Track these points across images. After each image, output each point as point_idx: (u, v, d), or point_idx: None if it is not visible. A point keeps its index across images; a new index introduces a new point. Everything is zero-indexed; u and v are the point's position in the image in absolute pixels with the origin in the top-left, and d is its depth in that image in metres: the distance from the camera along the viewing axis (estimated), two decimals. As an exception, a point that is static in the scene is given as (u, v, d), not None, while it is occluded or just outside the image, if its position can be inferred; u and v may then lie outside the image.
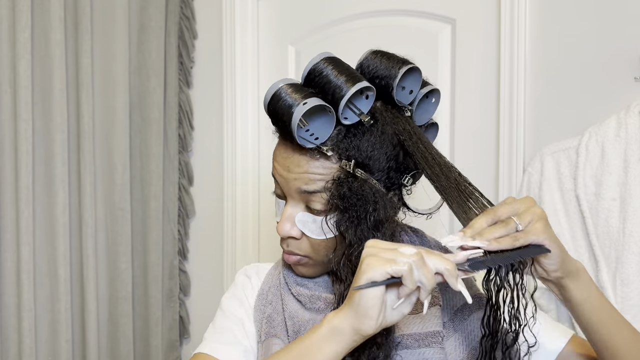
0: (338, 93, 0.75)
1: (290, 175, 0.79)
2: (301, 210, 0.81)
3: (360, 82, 0.75)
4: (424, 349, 0.80)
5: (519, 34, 1.48)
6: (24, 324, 1.65)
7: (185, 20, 1.95)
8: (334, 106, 0.75)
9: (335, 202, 0.76)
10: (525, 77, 1.49)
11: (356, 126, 0.78)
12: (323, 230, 0.79)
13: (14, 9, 1.63)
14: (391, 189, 0.80)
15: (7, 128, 1.64)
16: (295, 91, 0.76)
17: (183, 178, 1.99)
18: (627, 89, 1.36)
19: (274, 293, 0.88)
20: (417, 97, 0.83)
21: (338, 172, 0.77)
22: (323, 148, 0.76)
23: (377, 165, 0.77)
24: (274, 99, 0.76)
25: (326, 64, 0.77)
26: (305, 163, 0.78)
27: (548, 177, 1.41)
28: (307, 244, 0.82)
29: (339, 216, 0.76)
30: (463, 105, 1.61)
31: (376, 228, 0.75)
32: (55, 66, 1.68)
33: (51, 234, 1.72)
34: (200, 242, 2.03)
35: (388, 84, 0.79)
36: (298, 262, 0.84)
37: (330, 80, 0.76)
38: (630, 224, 1.28)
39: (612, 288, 1.31)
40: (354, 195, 0.75)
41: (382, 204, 0.76)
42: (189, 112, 1.99)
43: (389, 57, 0.81)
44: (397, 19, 1.68)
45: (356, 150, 0.77)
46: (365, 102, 0.78)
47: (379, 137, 0.77)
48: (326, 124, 0.76)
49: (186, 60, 1.97)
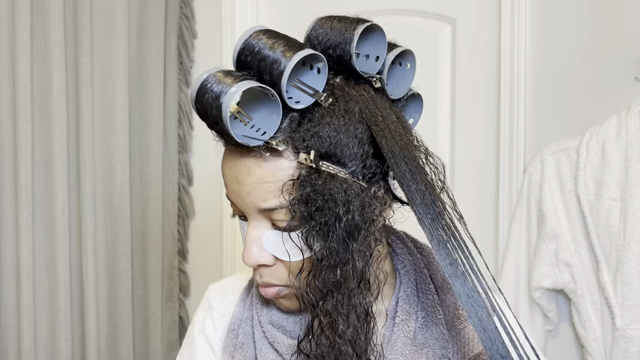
0: (276, 69, 0.58)
1: (242, 188, 0.62)
2: (267, 229, 0.63)
3: (301, 50, 0.59)
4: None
5: (519, 34, 1.48)
6: (23, 324, 1.65)
7: (185, 20, 1.95)
8: (275, 87, 0.58)
9: (297, 210, 0.59)
10: (526, 77, 1.49)
11: (312, 110, 0.60)
12: (300, 247, 0.61)
13: (13, 8, 1.62)
14: (374, 180, 0.62)
15: (6, 128, 1.64)
16: (223, 77, 0.59)
17: (183, 178, 1.99)
18: (628, 89, 1.35)
19: (245, 332, 0.71)
20: (386, 63, 0.66)
21: (298, 169, 0.60)
22: (271, 143, 0.58)
23: (347, 153, 0.60)
24: (200, 93, 0.59)
25: (258, 38, 0.60)
26: (256, 168, 0.60)
27: (549, 177, 1.40)
28: (283, 270, 0.64)
29: (305, 227, 0.60)
30: (463, 105, 1.60)
31: (350, 236, 0.59)
32: (55, 66, 1.68)
33: (50, 234, 1.71)
34: (200, 242, 2.03)
35: (344, 52, 0.62)
36: (278, 294, 0.66)
37: (266, 55, 0.59)
38: (630, 224, 1.28)
39: (612, 288, 1.31)
40: (320, 195, 0.58)
41: (357, 203, 0.59)
42: (188, 112, 1.98)
43: (340, 20, 0.64)
44: (397, 18, 1.68)
45: (316, 139, 0.59)
46: (318, 78, 0.61)
47: (343, 118, 0.60)
48: (270, 113, 0.60)
49: (186, 60, 1.97)
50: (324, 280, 0.59)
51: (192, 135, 2.01)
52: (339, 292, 0.59)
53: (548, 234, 1.39)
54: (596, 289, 1.35)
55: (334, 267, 0.59)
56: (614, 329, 1.31)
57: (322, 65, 0.61)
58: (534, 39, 1.48)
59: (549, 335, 1.48)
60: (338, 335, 0.60)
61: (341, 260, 0.59)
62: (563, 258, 1.38)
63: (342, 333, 0.60)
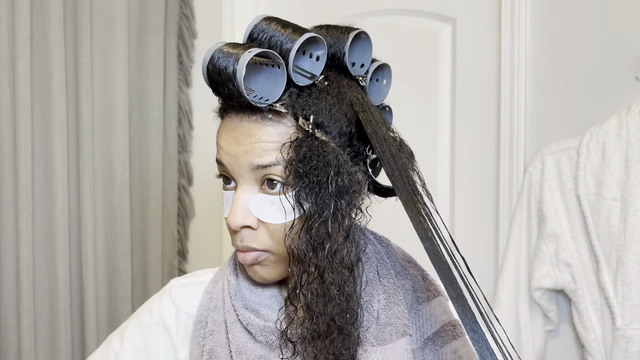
0: (285, 45, 0.66)
1: (240, 148, 0.67)
2: (255, 192, 0.69)
3: (308, 32, 0.67)
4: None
5: (520, 34, 1.48)
6: (23, 324, 1.65)
7: (184, 19, 1.95)
8: (283, 60, 0.66)
9: (294, 168, 0.65)
10: (526, 77, 1.49)
11: (310, 87, 0.69)
12: (284, 209, 0.67)
13: (13, 8, 1.62)
14: (355, 160, 0.71)
15: (6, 127, 1.64)
16: (236, 46, 0.66)
17: (182, 178, 1.99)
18: (628, 89, 1.35)
19: (215, 319, 0.74)
20: (369, 71, 0.75)
21: (295, 133, 0.67)
22: (275, 106, 0.66)
23: (337, 127, 0.68)
24: (213, 58, 0.66)
25: (268, 22, 0.69)
26: (256, 130, 0.67)
27: (549, 177, 1.40)
28: (265, 234, 0.70)
29: (299, 184, 0.66)
30: (463, 104, 1.60)
31: (339, 195, 0.65)
32: (55, 66, 1.68)
33: (50, 234, 1.71)
34: (200, 242, 2.03)
35: (339, 50, 0.71)
36: (256, 259, 0.71)
37: (275, 34, 0.67)
38: (631, 224, 1.28)
39: (612, 288, 1.31)
40: (315, 156, 0.65)
41: (345, 169, 0.66)
42: (188, 112, 1.98)
43: (335, 27, 0.74)
44: (397, 18, 1.67)
45: (314, 109, 0.67)
46: (316, 64, 0.69)
47: (336, 98, 0.69)
48: (275, 82, 0.67)
49: (186, 60, 1.97)
50: (314, 235, 0.65)
51: (192, 135, 2.01)
52: (329, 245, 0.65)
53: (548, 233, 1.39)
54: (596, 289, 1.35)
55: (325, 222, 0.65)
56: (614, 329, 1.31)
57: (321, 53, 0.69)
58: (534, 39, 1.48)
59: (549, 335, 1.48)
60: (326, 284, 0.65)
61: (331, 214, 0.65)
62: (563, 258, 1.38)
63: (331, 282, 0.66)
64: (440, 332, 0.75)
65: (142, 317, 0.80)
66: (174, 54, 1.94)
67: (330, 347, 0.66)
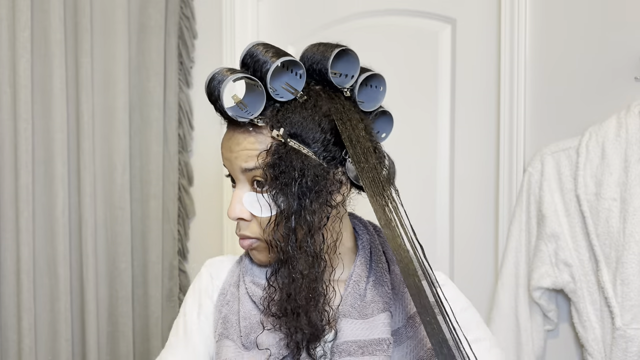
0: (265, 67, 0.79)
1: (232, 155, 0.82)
2: (247, 190, 0.83)
3: (284, 56, 0.80)
4: (367, 356, 0.80)
5: (519, 34, 1.48)
6: (24, 324, 1.65)
7: (185, 20, 1.95)
8: (263, 81, 0.79)
9: (267, 172, 0.79)
10: (526, 77, 1.49)
11: (290, 102, 0.81)
12: (268, 205, 0.81)
13: (13, 8, 1.63)
14: (332, 163, 0.82)
15: (6, 127, 1.64)
16: (228, 71, 0.81)
17: (183, 178, 1.99)
18: (627, 89, 1.36)
19: (232, 292, 0.88)
20: (358, 80, 0.85)
21: (271, 142, 0.80)
22: (255, 120, 0.79)
23: (310, 136, 0.80)
24: (209, 82, 0.81)
25: (257, 47, 0.82)
26: (242, 140, 0.81)
27: (548, 177, 1.41)
28: (256, 225, 0.84)
29: (273, 186, 0.79)
30: (463, 105, 1.61)
31: (303, 195, 0.78)
32: (55, 66, 1.68)
33: (51, 234, 1.72)
34: (200, 242, 2.03)
35: (323, 67, 0.83)
36: (250, 245, 0.85)
37: (259, 58, 0.80)
38: (630, 224, 1.28)
39: (612, 288, 1.31)
40: (282, 162, 0.78)
41: (311, 173, 0.78)
42: (188, 112, 1.99)
43: (325, 45, 0.85)
44: (397, 18, 1.68)
45: (288, 122, 0.80)
46: (299, 81, 0.82)
47: (311, 110, 0.81)
48: (257, 99, 0.81)
49: (186, 60, 1.97)
50: (283, 228, 0.79)
51: (192, 135, 2.01)
52: (294, 236, 0.78)
53: (548, 233, 1.39)
54: (596, 289, 1.35)
55: (289, 217, 0.78)
56: (613, 329, 1.31)
57: (302, 72, 0.82)
58: (534, 39, 1.49)
59: (549, 335, 1.48)
60: (293, 269, 0.78)
61: (294, 212, 0.78)
62: (563, 258, 1.38)
63: (294, 267, 0.78)
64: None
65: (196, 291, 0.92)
66: (175, 54, 1.94)
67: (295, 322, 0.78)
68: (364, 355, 0.80)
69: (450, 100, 1.63)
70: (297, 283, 0.78)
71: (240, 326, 0.84)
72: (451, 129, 1.63)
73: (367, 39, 1.68)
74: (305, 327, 0.78)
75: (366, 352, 0.80)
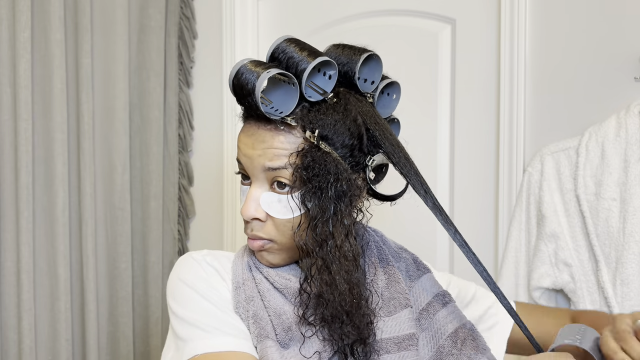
0: (300, 66, 0.77)
1: (254, 152, 0.79)
2: (266, 190, 0.80)
3: (321, 56, 0.78)
4: (403, 352, 0.80)
5: (519, 34, 1.48)
6: (24, 324, 1.65)
7: (185, 20, 1.95)
8: (297, 80, 0.77)
9: (299, 174, 0.76)
10: (526, 77, 1.49)
11: (320, 103, 0.79)
12: (290, 207, 0.79)
13: (14, 8, 1.63)
14: (355, 170, 0.81)
15: (6, 128, 1.64)
16: (258, 65, 0.78)
17: (183, 178, 1.99)
18: (627, 89, 1.36)
19: (250, 287, 0.83)
20: (379, 87, 0.85)
21: (302, 144, 0.78)
22: (287, 119, 0.77)
23: (340, 140, 0.78)
24: (238, 74, 0.78)
25: (289, 43, 0.80)
26: (269, 138, 0.78)
27: (548, 177, 1.41)
28: (271, 226, 0.81)
29: (304, 189, 0.77)
30: (463, 105, 1.61)
31: (339, 199, 0.76)
32: (55, 66, 1.68)
33: (51, 234, 1.72)
34: (200, 242, 2.03)
35: (350, 69, 0.81)
36: (262, 247, 0.82)
37: (293, 55, 0.78)
38: (630, 224, 1.28)
39: (612, 288, 1.31)
40: (317, 165, 0.76)
41: (344, 176, 0.77)
42: (189, 112, 1.99)
43: (350, 47, 0.84)
44: (397, 19, 1.68)
45: (320, 124, 0.77)
46: (328, 82, 0.80)
47: (342, 114, 0.79)
48: (289, 97, 0.78)
49: (186, 60, 1.97)
50: (319, 232, 0.76)
51: (193, 135, 2.01)
52: (332, 241, 0.76)
53: (547, 233, 1.39)
54: (596, 289, 1.35)
55: (327, 222, 0.76)
56: (613, 329, 1.31)
57: (333, 73, 0.80)
58: (534, 39, 1.49)
59: (549, 335, 1.48)
60: (333, 275, 0.76)
61: (331, 216, 0.76)
62: (562, 258, 1.38)
63: (336, 273, 0.76)
64: (432, 302, 0.88)
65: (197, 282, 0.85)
66: (175, 54, 1.94)
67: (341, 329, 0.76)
68: (400, 351, 0.80)
69: (450, 100, 1.63)
70: (341, 288, 0.76)
71: (273, 324, 0.80)
72: (451, 129, 1.63)
73: (367, 39, 1.68)
74: (351, 333, 0.76)
75: (402, 348, 0.80)
